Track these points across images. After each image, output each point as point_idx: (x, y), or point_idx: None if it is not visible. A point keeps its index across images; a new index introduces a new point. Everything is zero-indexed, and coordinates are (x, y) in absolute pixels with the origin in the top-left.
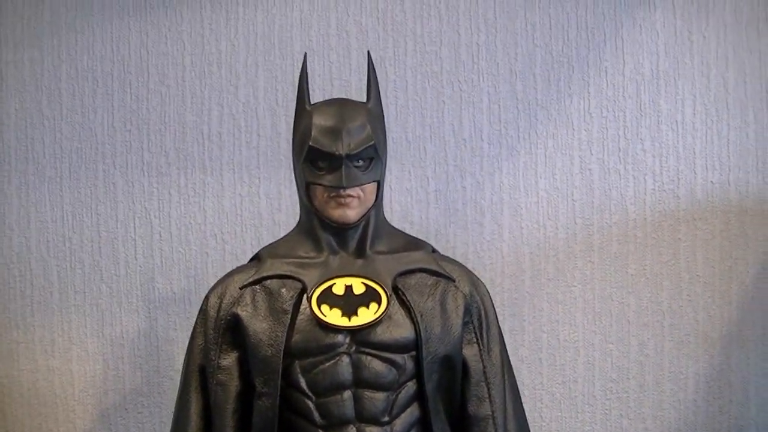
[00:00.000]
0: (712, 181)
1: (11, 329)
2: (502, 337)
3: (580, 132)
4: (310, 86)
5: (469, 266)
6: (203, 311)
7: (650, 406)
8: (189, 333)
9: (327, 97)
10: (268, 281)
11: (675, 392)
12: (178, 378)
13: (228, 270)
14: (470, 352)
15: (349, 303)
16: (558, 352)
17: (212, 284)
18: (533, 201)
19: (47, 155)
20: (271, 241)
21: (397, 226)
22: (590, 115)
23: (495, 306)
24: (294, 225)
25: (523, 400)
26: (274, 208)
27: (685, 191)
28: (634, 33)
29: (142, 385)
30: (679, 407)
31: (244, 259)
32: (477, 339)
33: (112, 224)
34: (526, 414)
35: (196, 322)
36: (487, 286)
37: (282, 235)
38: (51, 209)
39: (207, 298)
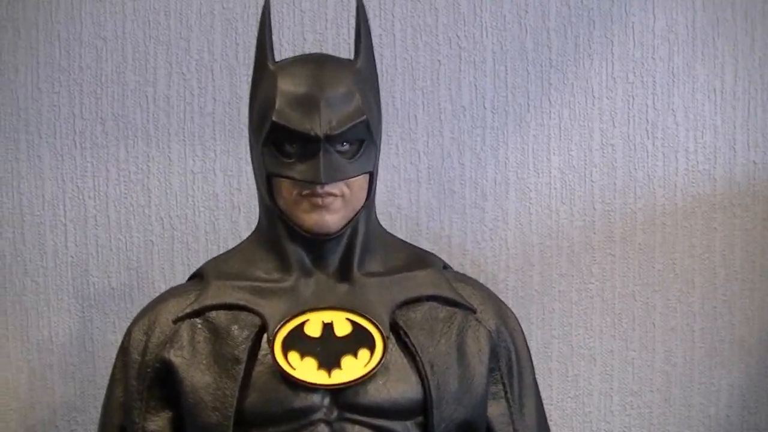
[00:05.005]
0: (754, 161)
1: None
2: (537, 385)
3: (601, 100)
4: (276, 42)
5: (467, 260)
6: (124, 350)
7: (676, 423)
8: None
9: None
10: (213, 313)
11: (705, 407)
12: None
13: (169, 283)
14: (496, 411)
15: (329, 350)
16: (571, 360)
17: (146, 305)
18: (544, 182)
19: None
20: (227, 232)
21: (380, 212)
22: (613, 80)
23: None
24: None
25: None
26: (233, 187)
27: (722, 172)
28: None
29: (75, 397)
30: (710, 424)
31: (197, 249)
32: (505, 392)
33: (37, 206)
34: None
35: (114, 365)
36: (490, 283)
37: (241, 225)
38: None
39: (129, 332)
